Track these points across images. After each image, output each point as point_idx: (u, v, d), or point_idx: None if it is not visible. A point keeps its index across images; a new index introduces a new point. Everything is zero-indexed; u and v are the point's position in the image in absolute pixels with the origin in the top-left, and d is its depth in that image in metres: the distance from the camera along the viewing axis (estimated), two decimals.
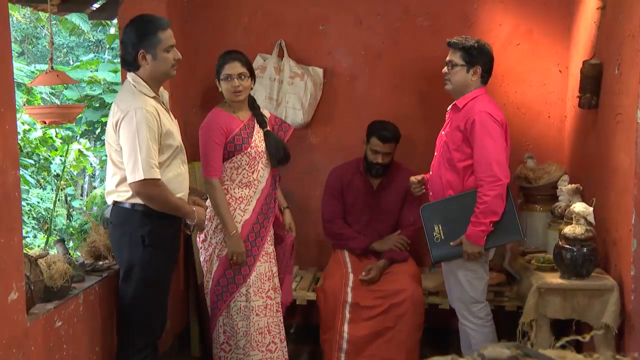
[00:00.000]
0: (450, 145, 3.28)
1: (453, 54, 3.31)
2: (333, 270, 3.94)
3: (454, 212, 3.28)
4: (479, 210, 3.17)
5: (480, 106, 3.23)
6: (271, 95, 4.28)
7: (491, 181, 3.14)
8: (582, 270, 3.17)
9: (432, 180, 3.43)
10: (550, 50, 4.24)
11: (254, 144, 3.44)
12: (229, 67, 3.40)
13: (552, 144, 4.27)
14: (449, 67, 3.31)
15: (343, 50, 4.42)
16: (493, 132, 3.18)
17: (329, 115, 4.46)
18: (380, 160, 3.89)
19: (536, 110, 4.26)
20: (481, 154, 3.17)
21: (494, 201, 3.14)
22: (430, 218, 3.32)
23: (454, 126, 3.28)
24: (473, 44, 3.28)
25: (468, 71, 3.28)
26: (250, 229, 3.41)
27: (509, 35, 4.26)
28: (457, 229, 3.26)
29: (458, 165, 3.26)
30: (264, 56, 4.38)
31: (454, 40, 3.33)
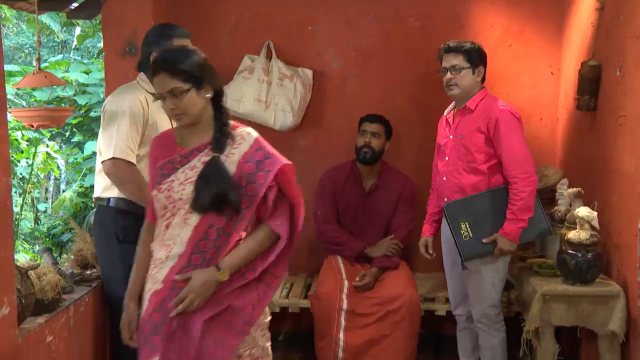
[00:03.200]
0: (471, 147, 3.26)
1: (455, 58, 3.29)
2: (327, 277, 3.85)
3: (482, 209, 3.25)
4: (516, 207, 3.15)
5: (498, 105, 3.24)
6: (260, 97, 4.17)
7: (525, 177, 3.16)
8: (586, 276, 3.12)
9: (449, 187, 3.36)
10: (542, 51, 4.21)
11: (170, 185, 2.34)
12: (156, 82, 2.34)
13: (544, 147, 4.23)
14: (453, 72, 3.28)
15: (333, 52, 4.35)
16: (517, 129, 3.22)
17: (319, 118, 4.38)
18: (367, 140, 3.86)
19: (528, 112, 4.18)
20: (510, 151, 3.18)
21: (530, 197, 3.16)
22: (456, 215, 3.27)
23: (472, 128, 3.26)
24: (472, 45, 3.31)
25: (473, 73, 3.29)
26: (158, 306, 2.29)
27: (500, 36, 4.23)
28: (485, 227, 3.24)
29: (482, 167, 3.26)
30: (252, 57, 4.29)
31: (453, 44, 3.31)
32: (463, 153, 3.29)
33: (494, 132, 3.19)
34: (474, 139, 3.25)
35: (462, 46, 3.28)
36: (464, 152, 3.29)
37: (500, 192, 3.23)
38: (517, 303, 3.60)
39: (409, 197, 4.00)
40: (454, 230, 3.25)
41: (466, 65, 3.27)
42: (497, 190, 3.24)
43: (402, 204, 3.99)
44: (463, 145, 3.29)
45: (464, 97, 3.31)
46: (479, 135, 3.24)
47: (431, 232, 3.58)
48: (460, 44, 3.30)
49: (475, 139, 3.25)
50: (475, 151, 3.26)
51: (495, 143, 3.21)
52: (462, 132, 3.31)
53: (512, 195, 3.17)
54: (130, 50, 3.86)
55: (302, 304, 3.93)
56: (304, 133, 4.37)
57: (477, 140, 3.25)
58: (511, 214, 3.17)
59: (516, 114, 3.22)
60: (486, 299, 3.33)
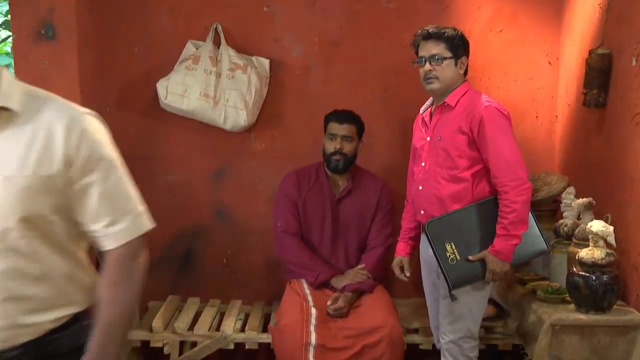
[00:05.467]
0: (451, 151, 3.13)
1: (435, 46, 3.16)
2: (290, 305, 3.71)
3: (469, 226, 3.12)
4: (508, 221, 3.02)
5: (481, 100, 3.12)
6: (207, 91, 4.02)
7: (517, 185, 3.03)
8: (602, 302, 3.02)
9: (425, 197, 3.23)
10: (538, 37, 4.16)
11: None
12: None
13: (540, 150, 4.21)
14: (433, 62, 3.15)
15: (293, 37, 4.24)
16: (505, 129, 3.11)
17: (277, 116, 4.27)
18: (339, 146, 3.79)
19: (522, 109, 4.16)
20: (498, 155, 3.06)
21: (524, 208, 3.05)
22: (440, 235, 3.13)
23: (452, 128, 3.14)
24: (455, 32, 3.19)
25: (456, 64, 3.18)
26: None
27: (490, 20, 4.16)
28: (474, 246, 3.12)
29: (465, 174, 3.13)
30: (196, 43, 4.14)
31: (433, 30, 3.18)
32: (442, 158, 3.17)
33: (478, 132, 3.08)
34: (455, 141, 3.14)
35: (444, 32, 3.16)
36: (443, 157, 3.17)
37: (490, 205, 3.12)
38: (518, 335, 3.47)
39: (387, 207, 3.92)
40: (438, 253, 3.13)
41: (448, 55, 3.16)
42: (485, 202, 3.13)
43: (380, 215, 3.91)
44: (442, 149, 3.17)
45: (444, 92, 3.19)
46: (461, 136, 3.12)
47: (407, 251, 3.47)
48: (441, 29, 3.18)
49: (457, 141, 3.13)
50: (457, 156, 3.13)
51: (480, 145, 3.10)
52: (440, 133, 3.19)
53: (503, 207, 3.06)
54: (46, 33, 3.69)
55: (261, 339, 3.79)
56: (259, 134, 4.28)
57: (459, 142, 3.13)
58: (502, 229, 3.05)
59: (504, 111, 3.12)
60: (460, 329, 3.20)
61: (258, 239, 4.24)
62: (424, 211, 3.25)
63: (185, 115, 4.05)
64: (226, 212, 4.26)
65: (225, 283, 4.27)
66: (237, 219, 4.26)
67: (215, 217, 4.26)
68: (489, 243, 3.08)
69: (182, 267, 4.28)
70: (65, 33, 3.69)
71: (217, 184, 4.24)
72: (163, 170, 4.22)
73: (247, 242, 4.26)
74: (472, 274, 3.11)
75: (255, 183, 4.28)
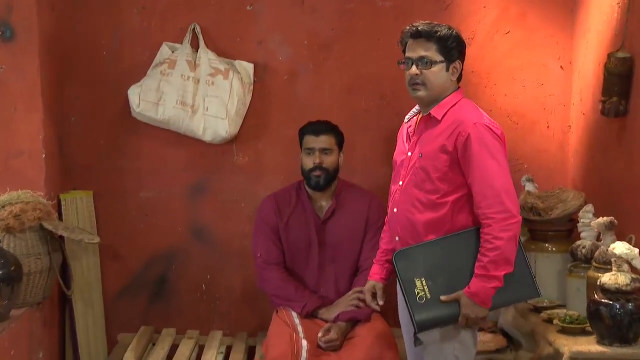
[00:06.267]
0: (432, 173, 2.96)
1: (425, 48, 2.99)
2: (278, 336, 3.60)
3: (444, 259, 2.96)
4: (488, 260, 2.85)
5: (471, 116, 2.95)
6: (184, 99, 4.01)
7: (503, 218, 2.85)
8: (628, 333, 2.93)
9: (400, 222, 3.08)
10: (549, 39, 4.14)
11: None
12: None
13: (552, 163, 4.18)
14: (422, 65, 2.98)
15: (279, 39, 4.21)
16: (496, 152, 2.92)
17: (262, 127, 4.24)
18: (318, 161, 3.73)
19: (531, 118, 4.14)
20: (484, 181, 2.88)
21: (509, 246, 2.86)
22: (409, 269, 2.97)
23: (436, 146, 2.97)
24: (449, 31, 3.01)
25: (448, 69, 3.01)
26: None
27: (496, 20, 4.14)
28: (449, 284, 2.95)
29: (445, 200, 2.96)
30: (172, 46, 4.12)
31: (424, 27, 3.00)
32: (421, 179, 3.00)
33: (463, 152, 2.92)
34: (437, 160, 2.97)
35: (436, 31, 2.98)
36: (422, 178, 3.00)
37: (471, 237, 2.96)
38: None
39: (378, 224, 3.80)
40: (405, 288, 2.96)
41: (439, 58, 2.98)
42: (466, 234, 2.97)
43: (371, 234, 3.81)
44: (422, 168, 3.01)
45: (432, 101, 3.03)
46: (443, 156, 2.95)
47: (382, 276, 3.30)
48: (433, 28, 2.99)
49: (439, 161, 2.96)
50: (438, 178, 2.96)
51: (464, 168, 2.94)
52: (422, 149, 3.03)
53: (484, 243, 2.89)
54: (4, 34, 3.67)
55: None
56: (242, 146, 4.24)
57: (441, 163, 2.96)
58: (481, 268, 2.89)
59: (496, 130, 2.96)
60: None
61: (241, 262, 4.19)
62: (399, 238, 3.10)
63: (160, 126, 4.01)
64: (205, 232, 4.21)
65: (204, 312, 4.22)
66: (218, 241, 4.21)
67: (193, 239, 4.21)
68: (466, 282, 2.93)
69: (156, 294, 4.21)
70: (25, 33, 3.66)
71: (195, 201, 4.19)
72: (135, 187, 4.17)
73: (229, 266, 4.21)
74: (443, 316, 2.94)
75: (237, 200, 4.23)
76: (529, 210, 3.66)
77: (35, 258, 3.46)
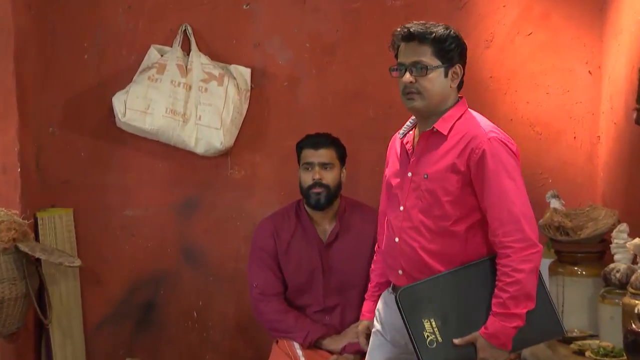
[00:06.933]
0: (441, 195, 2.87)
1: (419, 51, 2.88)
2: None
3: (455, 295, 2.87)
4: (508, 295, 2.76)
5: (483, 130, 2.86)
6: (174, 107, 4.00)
7: (523, 247, 2.77)
8: None
9: (404, 254, 2.97)
10: (575, 41, 4.10)
11: None
12: None
13: (579, 178, 4.13)
14: (416, 72, 2.88)
15: (278, 41, 4.20)
16: (512, 171, 2.84)
17: (259, 138, 4.23)
18: (317, 176, 3.71)
19: (556, 128, 4.10)
20: (501, 205, 2.80)
21: (530, 279, 2.77)
22: (416, 309, 2.86)
23: (444, 165, 2.88)
24: (446, 31, 2.91)
25: (446, 75, 2.91)
26: None
27: (517, 20, 4.10)
28: (463, 324, 2.86)
29: (458, 226, 2.87)
30: (161, 49, 4.12)
31: (417, 28, 2.90)
32: (428, 203, 2.90)
33: (477, 172, 2.83)
34: (447, 181, 2.88)
35: (431, 32, 2.87)
36: (430, 202, 2.90)
37: (486, 268, 2.88)
38: None
39: None
40: (413, 332, 2.86)
41: (436, 62, 2.87)
42: (480, 265, 2.88)
43: None
44: (428, 191, 2.91)
45: (430, 112, 2.93)
46: (454, 176, 2.86)
47: None
48: (427, 28, 2.88)
49: (448, 182, 2.87)
50: (448, 201, 2.87)
51: (478, 189, 2.86)
52: (426, 169, 2.93)
53: (502, 276, 2.79)
54: None
55: None
56: (238, 159, 4.24)
57: (451, 184, 2.87)
58: (500, 306, 2.79)
59: (512, 146, 2.88)
60: None
61: (235, 287, 4.16)
62: (402, 271, 2.98)
63: (148, 137, 3.99)
64: (196, 254, 4.19)
65: (195, 342, 4.20)
66: (210, 263, 4.19)
67: (183, 261, 4.19)
68: (482, 321, 2.84)
69: (142, 322, 4.19)
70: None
71: (185, 220, 4.18)
72: (119, 204, 4.16)
73: (222, 290, 4.18)
74: None
75: (232, 218, 4.22)
76: (556, 230, 3.58)
77: (10, 283, 3.41)
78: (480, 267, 2.85)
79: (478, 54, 3.98)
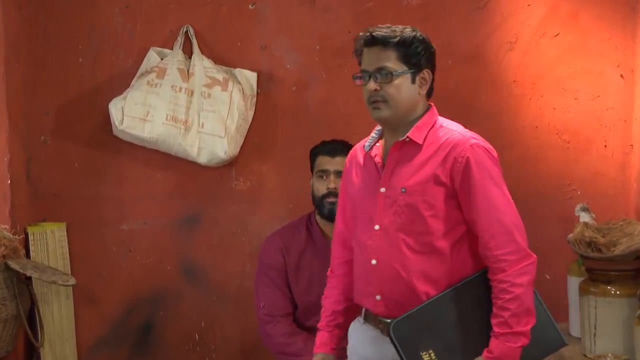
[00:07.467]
0: (422, 209, 2.82)
1: (383, 56, 2.85)
2: None
3: (452, 319, 2.82)
4: (510, 313, 2.71)
5: (463, 136, 2.82)
6: (176, 114, 3.99)
7: (518, 259, 2.74)
8: None
9: (384, 277, 2.91)
10: (606, 43, 4.04)
11: None
12: None
13: (610, 188, 4.08)
14: (380, 78, 2.85)
15: (286, 43, 4.18)
16: (498, 178, 2.82)
17: (265, 146, 4.22)
18: (332, 185, 3.71)
19: (585, 136, 4.06)
20: (491, 216, 2.77)
21: (528, 292, 2.74)
22: (412, 342, 2.81)
23: (423, 176, 2.84)
24: (412, 34, 2.87)
25: (414, 81, 2.87)
26: None
27: (542, 21, 4.06)
28: (463, 349, 2.82)
29: (442, 242, 2.83)
30: (161, 52, 4.11)
31: (380, 32, 2.87)
32: (408, 219, 2.85)
33: (461, 182, 2.80)
34: (428, 194, 2.83)
35: (395, 36, 2.83)
36: (410, 218, 2.85)
37: (479, 285, 2.83)
38: None
39: None
40: None
41: (401, 68, 2.83)
42: (473, 281, 2.84)
43: None
44: (408, 206, 2.86)
45: (399, 121, 2.90)
46: (436, 188, 2.82)
47: (332, 346, 3.15)
48: (391, 31, 2.86)
49: (430, 195, 2.83)
50: (430, 216, 2.82)
51: (463, 201, 2.82)
52: (403, 182, 2.88)
53: (500, 293, 2.75)
54: None
55: None
56: (243, 169, 4.22)
57: (433, 196, 2.82)
58: (502, 326, 2.74)
59: (493, 153, 2.87)
60: None
61: (240, 307, 4.13)
62: (381, 296, 2.92)
63: (147, 146, 3.97)
64: (198, 272, 4.15)
65: None
66: (213, 282, 4.16)
67: (184, 279, 4.17)
68: (483, 342, 2.79)
69: (139, 345, 4.17)
70: None
71: (186, 235, 4.16)
72: (116, 218, 4.14)
73: (226, 311, 4.15)
74: None
75: (237, 234, 4.20)
76: (587, 246, 3.50)
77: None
78: (472, 285, 2.83)
79: (501, 57, 3.98)
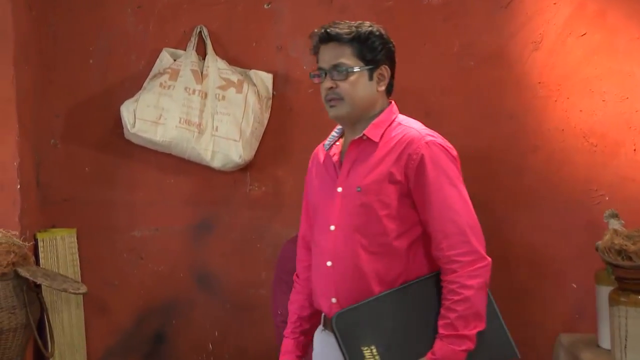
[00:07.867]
0: (377, 209, 2.83)
1: (338, 53, 2.86)
2: None
3: (397, 318, 2.82)
4: (456, 315, 2.71)
5: (419, 133, 2.82)
6: (189, 117, 4.00)
7: (470, 261, 2.73)
8: None
9: (339, 279, 2.91)
10: (635, 43, 3.99)
11: None
12: None
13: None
14: (336, 76, 2.85)
15: (303, 44, 4.05)
16: (455, 177, 2.82)
17: (281, 150, 4.21)
18: None
19: (613, 139, 4.00)
20: (444, 216, 2.77)
21: (479, 296, 2.73)
22: (354, 335, 2.82)
23: (378, 175, 2.85)
24: (367, 29, 2.87)
25: (371, 77, 2.88)
26: None
27: (569, 20, 4.03)
28: (407, 350, 2.81)
29: (398, 242, 2.83)
30: (174, 53, 4.13)
31: (334, 29, 2.88)
32: (363, 218, 2.85)
33: (416, 180, 2.79)
34: (382, 194, 2.83)
35: (350, 32, 2.85)
36: (365, 217, 2.85)
37: (430, 286, 2.83)
38: None
39: None
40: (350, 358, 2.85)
41: (358, 64, 2.85)
42: (423, 282, 2.84)
43: None
44: (363, 205, 2.86)
45: (356, 118, 2.91)
46: (391, 187, 2.82)
47: (298, 353, 3.16)
48: (346, 27, 2.88)
49: (384, 195, 2.83)
50: (386, 215, 2.82)
51: (417, 200, 2.82)
52: (359, 181, 2.88)
53: (449, 294, 2.75)
54: None
55: None
56: (258, 174, 4.23)
57: (387, 196, 2.83)
58: (448, 327, 2.74)
59: (452, 151, 2.86)
60: None
61: (255, 317, 4.13)
62: (336, 299, 2.91)
63: (160, 149, 3.98)
64: (212, 280, 4.16)
65: None
66: (227, 290, 4.16)
67: (197, 287, 4.17)
68: (429, 345, 2.79)
69: (151, 356, 4.19)
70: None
71: (200, 242, 4.16)
72: (127, 224, 4.15)
73: (241, 321, 4.14)
74: None
75: (252, 240, 4.19)
76: (617, 254, 3.45)
77: (8, 312, 3.40)
78: (423, 285, 2.83)
79: (525, 57, 3.96)
